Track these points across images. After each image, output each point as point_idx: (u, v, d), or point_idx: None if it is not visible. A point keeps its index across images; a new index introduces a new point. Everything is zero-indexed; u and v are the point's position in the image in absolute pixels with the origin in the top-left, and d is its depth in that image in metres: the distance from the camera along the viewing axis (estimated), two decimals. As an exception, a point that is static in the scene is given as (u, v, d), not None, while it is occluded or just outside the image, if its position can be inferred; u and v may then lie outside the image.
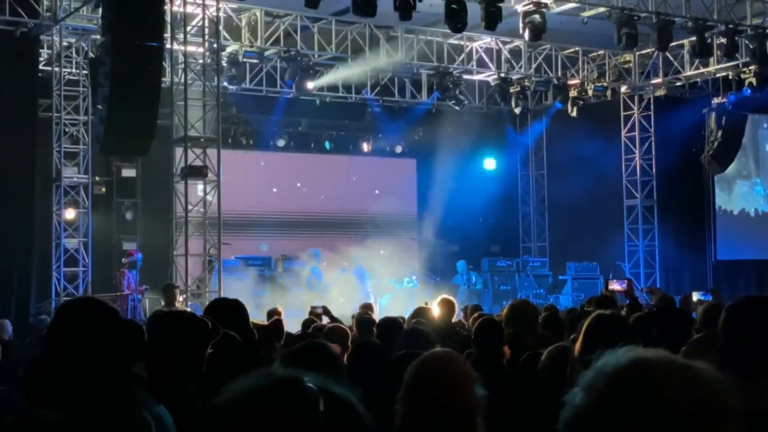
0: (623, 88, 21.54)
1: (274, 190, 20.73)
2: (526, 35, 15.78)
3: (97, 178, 17.51)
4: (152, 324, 3.74)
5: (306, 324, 9.22)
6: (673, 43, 17.66)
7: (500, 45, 19.77)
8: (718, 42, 18.03)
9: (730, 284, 21.15)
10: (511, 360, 5.56)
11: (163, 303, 12.98)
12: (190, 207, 14.72)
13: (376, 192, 21.45)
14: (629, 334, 4.01)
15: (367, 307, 11.60)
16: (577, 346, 3.89)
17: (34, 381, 3.93)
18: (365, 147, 21.61)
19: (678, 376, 1.31)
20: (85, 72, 16.41)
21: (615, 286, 12.15)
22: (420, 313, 8.55)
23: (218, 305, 4.96)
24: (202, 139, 14.75)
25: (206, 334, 3.67)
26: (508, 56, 20.08)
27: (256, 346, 4.35)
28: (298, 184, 20.93)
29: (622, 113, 22.11)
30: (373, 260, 18.99)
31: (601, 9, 16.45)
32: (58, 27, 16.30)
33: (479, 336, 5.85)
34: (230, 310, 4.56)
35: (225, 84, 17.07)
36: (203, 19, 14.99)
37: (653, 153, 21.73)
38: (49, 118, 16.85)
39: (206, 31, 15.09)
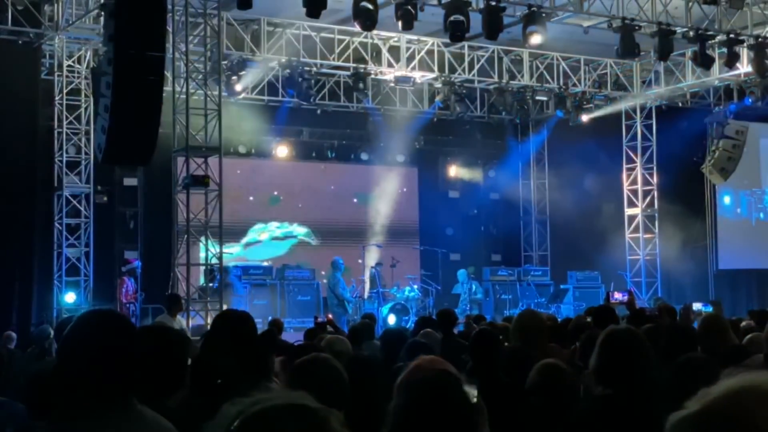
0: (625, 98, 21.55)
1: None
2: (530, 40, 15.78)
3: (98, 188, 17.50)
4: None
5: (309, 335, 9.18)
6: (675, 53, 17.67)
7: (502, 54, 19.80)
8: (719, 51, 18.03)
9: (732, 293, 21.17)
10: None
11: (165, 312, 12.92)
12: (191, 216, 14.72)
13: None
14: (643, 348, 3.99)
15: (368, 317, 11.59)
16: (592, 361, 3.87)
17: (37, 393, 3.92)
18: (366, 156, 21.58)
19: None
20: (87, 81, 16.43)
21: (617, 297, 12.15)
22: (424, 323, 8.52)
23: (226, 317, 4.94)
24: (203, 148, 14.75)
25: (187, 347, 3.63)
26: (510, 65, 20.11)
27: (264, 359, 4.33)
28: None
29: (624, 122, 22.13)
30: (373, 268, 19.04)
31: (603, 19, 16.47)
32: (60, 36, 16.32)
33: (475, 346, 5.85)
34: (238, 323, 4.53)
35: (226, 93, 17.07)
36: (205, 28, 15.01)
37: (654, 162, 21.76)
38: (51, 127, 16.86)
39: (208, 40, 15.10)
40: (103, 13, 12.94)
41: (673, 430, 1.44)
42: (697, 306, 13.65)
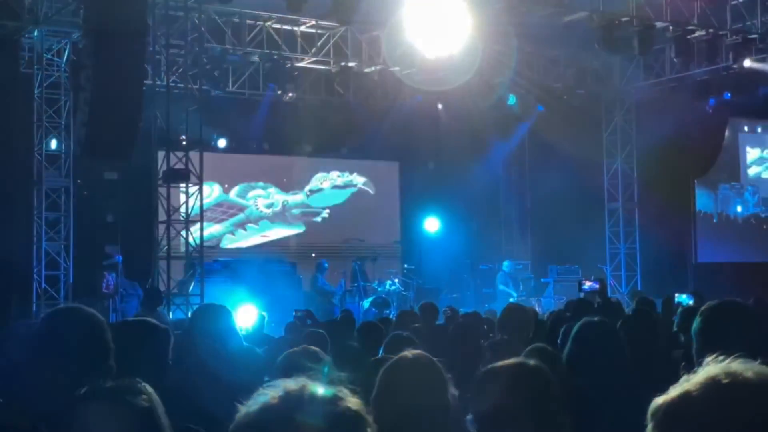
0: (605, 92, 21.61)
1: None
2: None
3: (78, 181, 17.41)
4: (113, 332, 3.69)
5: (290, 329, 9.19)
6: (655, 47, 17.74)
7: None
8: (699, 46, 18.10)
9: (711, 287, 21.21)
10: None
11: (143, 307, 12.86)
12: (172, 210, 14.68)
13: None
14: (616, 340, 4.04)
15: (347, 312, 11.61)
16: (565, 352, 3.91)
17: (4, 387, 3.90)
18: (347, 149, 21.55)
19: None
20: (67, 75, 16.34)
21: (588, 285, 12.22)
22: (405, 317, 8.54)
23: (205, 310, 4.94)
24: (184, 142, 14.70)
25: (168, 342, 3.63)
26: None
27: (241, 350, 4.34)
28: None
29: (604, 116, 22.19)
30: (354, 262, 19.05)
31: (583, 13, 16.51)
32: (39, 29, 16.21)
33: (456, 338, 5.90)
34: (218, 315, 4.54)
35: (207, 87, 17.02)
36: (186, 21, 14.96)
37: (635, 156, 21.84)
38: (30, 120, 16.76)
39: (189, 33, 15.05)
40: (83, 5, 12.88)
41: (654, 414, 1.48)
42: (678, 298, 13.73)
